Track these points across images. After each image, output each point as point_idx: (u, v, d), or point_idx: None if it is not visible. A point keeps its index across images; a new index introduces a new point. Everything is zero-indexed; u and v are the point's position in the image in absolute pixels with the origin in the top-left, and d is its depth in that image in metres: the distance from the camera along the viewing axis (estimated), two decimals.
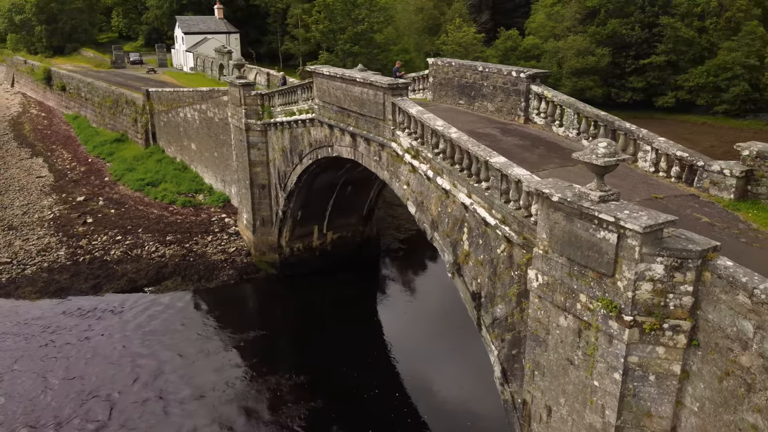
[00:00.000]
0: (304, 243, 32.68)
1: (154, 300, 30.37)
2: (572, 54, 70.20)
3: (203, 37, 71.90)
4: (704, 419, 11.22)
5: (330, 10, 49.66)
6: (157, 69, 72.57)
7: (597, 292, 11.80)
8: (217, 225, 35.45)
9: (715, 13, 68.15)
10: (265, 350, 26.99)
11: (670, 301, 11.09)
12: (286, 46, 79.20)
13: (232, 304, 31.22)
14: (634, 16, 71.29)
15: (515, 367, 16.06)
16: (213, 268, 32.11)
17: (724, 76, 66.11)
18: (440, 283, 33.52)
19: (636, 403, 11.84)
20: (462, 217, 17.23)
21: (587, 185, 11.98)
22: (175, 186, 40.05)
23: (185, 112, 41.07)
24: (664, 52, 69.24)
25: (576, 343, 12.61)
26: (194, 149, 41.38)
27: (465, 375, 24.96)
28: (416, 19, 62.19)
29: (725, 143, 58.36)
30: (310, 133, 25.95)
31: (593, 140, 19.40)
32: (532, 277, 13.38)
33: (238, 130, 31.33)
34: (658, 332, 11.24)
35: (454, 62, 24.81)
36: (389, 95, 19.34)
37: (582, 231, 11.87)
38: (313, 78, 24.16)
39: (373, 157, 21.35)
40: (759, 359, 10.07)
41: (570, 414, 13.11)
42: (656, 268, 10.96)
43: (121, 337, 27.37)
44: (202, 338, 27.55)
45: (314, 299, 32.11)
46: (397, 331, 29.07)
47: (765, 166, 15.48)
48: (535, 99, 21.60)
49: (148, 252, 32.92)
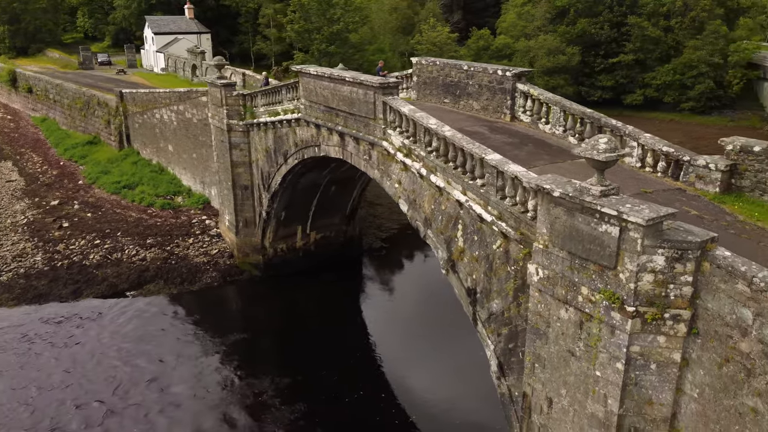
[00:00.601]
0: (288, 243, 32.57)
1: (137, 304, 29.89)
2: (543, 53, 71.16)
3: (174, 37, 70.90)
4: (704, 405, 11.60)
5: (305, 10, 49.48)
6: (127, 70, 71.26)
7: (599, 285, 12.10)
8: (198, 227, 35.07)
9: (680, 13, 69.85)
10: (250, 353, 26.72)
11: (671, 292, 11.44)
12: (259, 46, 78.63)
13: (216, 306, 30.93)
14: (602, 15, 72.67)
15: (512, 361, 16.32)
16: (196, 271, 31.77)
17: (690, 74, 67.84)
18: (423, 281, 33.80)
19: (638, 391, 12.18)
20: (456, 214, 17.43)
21: (588, 180, 12.28)
22: (153, 188, 39.47)
23: (161, 114, 40.50)
24: (632, 50, 70.76)
25: (577, 335, 12.90)
26: (171, 151, 40.84)
27: (451, 372, 25.09)
28: (391, 18, 62.39)
29: (692, 139, 59.98)
30: (295, 132, 25.89)
31: (579, 137, 19.95)
32: (532, 271, 13.64)
33: (220, 130, 31.06)
34: (660, 322, 11.59)
35: (439, 61, 25.04)
36: (380, 94, 19.45)
37: (583, 225, 12.16)
38: (298, 78, 24.11)
39: (363, 156, 21.43)
40: (758, 345, 10.47)
41: (571, 404, 13.40)
42: (657, 259, 11.31)
43: (103, 344, 26.85)
44: (185, 342, 27.22)
45: (298, 300, 32.01)
46: (382, 330, 29.14)
47: (748, 161, 16.04)
48: (521, 97, 21.96)
49: (128, 256, 32.40)
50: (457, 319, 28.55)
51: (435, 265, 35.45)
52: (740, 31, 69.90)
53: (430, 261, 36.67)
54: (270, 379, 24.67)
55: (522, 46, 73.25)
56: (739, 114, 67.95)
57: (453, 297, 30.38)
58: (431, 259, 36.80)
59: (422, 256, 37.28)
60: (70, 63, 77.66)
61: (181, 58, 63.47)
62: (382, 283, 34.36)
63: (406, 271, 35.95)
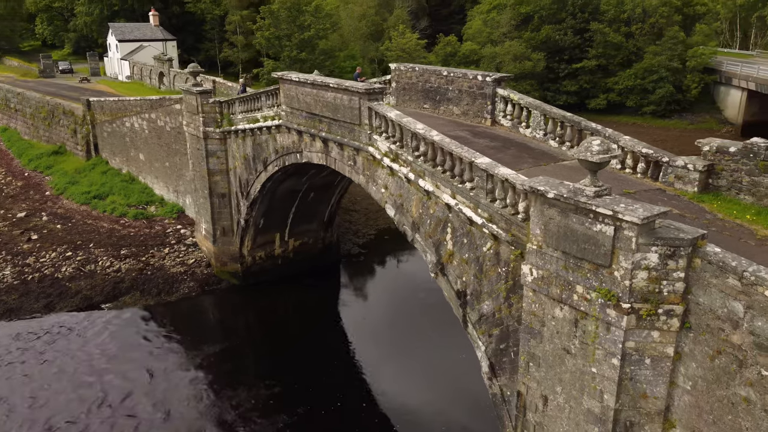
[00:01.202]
0: (266, 251, 32.36)
1: (113, 317, 29.29)
2: (509, 59, 72.34)
3: (139, 44, 69.82)
4: (697, 396, 12.00)
5: (275, 17, 49.28)
6: (91, 78, 69.89)
7: (594, 283, 12.42)
8: (174, 236, 34.55)
9: (640, 19, 71.94)
10: (229, 364, 26.34)
11: (664, 288, 11.82)
12: (226, 54, 77.98)
13: (194, 317, 30.52)
14: (566, 22, 74.31)
15: (504, 361, 16.58)
16: (173, 281, 31.29)
17: (651, 79, 69.88)
18: (401, 286, 33.95)
19: (633, 386, 12.52)
20: (445, 217, 17.64)
21: (581, 181, 12.60)
22: (124, 198, 38.74)
23: (132, 122, 39.82)
24: (594, 56, 72.52)
25: (572, 333, 13.20)
26: (143, 160, 40.15)
27: (434, 377, 25.16)
28: (360, 25, 62.67)
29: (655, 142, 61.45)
30: (276, 139, 25.80)
31: (560, 140, 20.42)
32: (526, 271, 13.90)
33: (195, 138, 30.72)
34: (654, 317, 11.95)
35: (418, 67, 25.31)
36: (365, 100, 19.57)
37: (578, 225, 12.47)
38: (279, 84, 24.06)
39: (348, 161, 21.50)
40: (749, 336, 10.91)
41: (567, 401, 13.69)
42: (651, 257, 11.67)
43: (78, 359, 26.18)
44: (163, 355, 26.72)
45: (277, 308, 31.85)
46: (362, 337, 29.07)
47: (724, 161, 16.66)
48: (501, 102, 22.35)
49: (102, 267, 31.71)
50: (438, 323, 28.88)
51: (413, 270, 35.84)
52: (697, 37, 72.38)
53: (407, 266, 36.90)
54: (249, 391, 24.30)
55: (488, 52, 74.35)
56: (698, 117, 70.25)
57: (432, 301, 31.00)
58: (409, 265, 37.06)
59: (400, 261, 37.50)
60: (30, 71, 75.74)
61: (148, 65, 62.55)
62: (361, 289, 34.42)
63: (384, 276, 36.07)
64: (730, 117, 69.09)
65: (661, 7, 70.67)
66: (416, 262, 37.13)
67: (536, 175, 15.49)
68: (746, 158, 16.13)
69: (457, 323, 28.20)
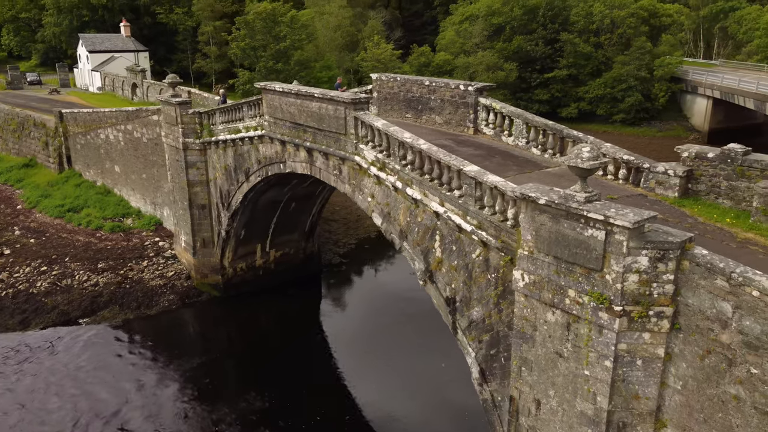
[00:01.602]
0: (247, 262, 32.12)
1: (91, 332, 28.70)
2: (482, 69, 73.27)
3: (110, 55, 68.94)
4: (687, 396, 12.30)
5: (250, 28, 49.19)
6: (60, 89, 68.69)
7: (586, 287, 12.67)
8: (152, 249, 34.07)
9: (609, 30, 73.59)
10: (210, 378, 25.91)
11: (654, 290, 12.12)
12: (199, 64, 77.47)
13: (175, 330, 30.11)
14: (537, 32, 75.63)
15: (494, 367, 16.74)
16: (152, 294, 30.83)
17: (620, 88, 71.47)
18: (383, 295, 33.86)
19: (625, 387, 12.78)
20: (433, 225, 17.79)
21: (571, 188, 12.87)
22: (100, 211, 38.09)
23: (107, 133, 39.25)
24: (565, 66, 73.91)
25: (565, 337, 13.42)
26: (118, 172, 39.57)
27: (419, 386, 25.10)
28: (335, 36, 62.93)
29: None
30: (258, 150, 25.72)
31: (542, 148, 20.79)
32: (517, 277, 14.10)
33: (174, 149, 30.43)
34: (645, 319, 12.24)
35: (399, 77, 25.54)
36: (351, 110, 19.68)
37: (569, 230, 12.73)
38: (262, 94, 24.03)
39: (333, 171, 21.54)
40: (738, 335, 11.25)
41: (560, 404, 13.88)
42: (641, 260, 11.97)
43: (56, 376, 25.56)
44: (143, 370, 26.24)
45: (259, 320, 31.58)
46: (345, 347, 28.83)
47: (703, 166, 17.15)
48: (484, 111, 22.68)
49: (79, 281, 31.09)
50: (420, 332, 28.94)
51: (393, 279, 35.90)
52: (663, 47, 74.33)
53: (388, 275, 36.95)
54: (230, 406, 23.92)
55: (461, 62, 75.22)
56: (666, 125, 72.01)
57: (413, 310, 31.12)
58: (389, 274, 37.12)
59: (381, 271, 37.55)
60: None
61: (120, 76, 61.78)
62: (343, 300, 34.33)
63: (365, 286, 36.02)
64: (696, 124, 70.98)
65: (628, 18, 72.44)
66: (397, 271, 37.24)
67: (522, 183, 15.78)
68: (724, 163, 16.63)
69: (439, 331, 28.43)
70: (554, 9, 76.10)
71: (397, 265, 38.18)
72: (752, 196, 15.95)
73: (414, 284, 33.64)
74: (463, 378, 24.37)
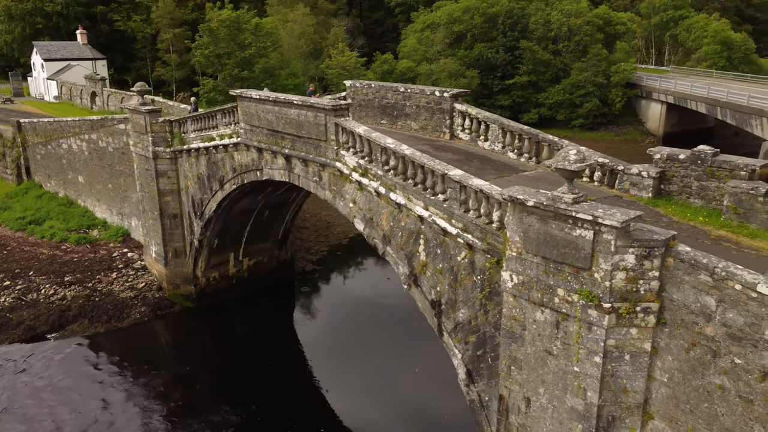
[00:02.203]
0: (221, 271, 31.75)
1: (60, 347, 27.90)
2: (445, 76, 74.18)
3: (66, 63, 67.24)
4: (673, 387, 12.77)
5: (214, 35, 48.75)
6: (14, 99, 66.56)
7: (575, 285, 13.04)
8: (121, 260, 33.32)
9: (566, 38, 75.54)
10: (185, 391, 25.49)
11: (641, 287, 12.56)
12: (159, 72, 76.22)
13: (147, 343, 29.50)
14: (497, 40, 77.08)
15: (481, 367, 17.01)
16: (123, 307, 30.14)
17: (578, 94, 73.38)
18: (357, 302, 33.74)
19: (614, 381, 13.18)
20: (417, 229, 18.00)
21: (558, 189, 13.26)
22: (64, 223, 37.06)
23: (70, 143, 38.27)
24: (525, 72, 75.49)
25: (554, 335, 13.77)
26: (82, 182, 38.59)
27: (396, 390, 25.07)
28: (300, 43, 62.88)
29: None
30: (233, 157, 25.52)
31: (518, 152, 21.26)
32: (506, 278, 14.40)
33: (144, 158, 29.91)
34: (632, 315, 12.67)
35: (374, 84, 25.79)
36: (332, 116, 19.76)
37: (557, 231, 13.09)
38: (237, 102, 23.89)
39: (313, 178, 21.56)
40: (722, 328, 11.77)
41: (550, 401, 14.21)
42: (628, 258, 12.40)
43: (23, 394, 24.73)
44: (115, 385, 25.56)
45: (234, 330, 31.22)
46: (321, 355, 28.61)
47: (674, 168, 17.86)
48: (459, 116, 23.06)
49: (45, 295, 30.16)
50: (395, 337, 29.06)
51: (367, 285, 35.98)
52: (618, 54, 76.74)
53: (361, 282, 37.01)
54: (205, 420, 23.44)
55: (424, 69, 76.02)
56: (623, 129, 74.22)
57: (385, 316, 31.18)
58: (363, 280, 37.19)
59: (354, 277, 37.60)
60: None
61: (78, 85, 60.30)
62: (317, 307, 34.17)
63: (339, 293, 35.95)
64: (651, 129, 73.36)
65: (584, 26, 74.52)
66: (369, 277, 37.37)
67: (502, 186, 16.17)
68: (694, 164, 17.36)
69: (412, 336, 28.69)
70: (513, 17, 77.72)
71: (369, 271, 38.31)
72: (722, 196, 16.69)
73: (386, 290, 34.10)
74: (439, 382, 24.75)
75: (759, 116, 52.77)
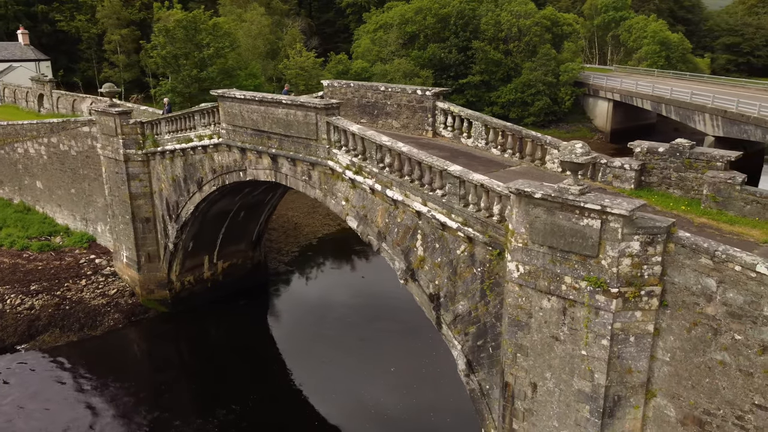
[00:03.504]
0: (195, 275, 31.26)
1: (31, 358, 26.92)
2: (400, 76, 74.81)
3: (8, 65, 64.40)
4: (675, 366, 13.58)
5: (171, 36, 47.71)
6: None
7: (582, 273, 13.68)
8: (89, 267, 32.29)
9: (516, 38, 77.50)
10: (163, 398, 25.05)
11: (645, 271, 13.31)
12: (106, 74, 73.91)
13: (124, 350, 28.84)
14: (449, 40, 78.31)
15: (481, 357, 17.53)
16: (95, 314, 29.27)
17: (529, 92, 75.43)
18: (332, 300, 33.75)
19: (620, 363, 13.89)
20: (414, 224, 18.36)
21: (564, 181, 13.87)
22: (22, 230, 35.59)
23: (26, 147, 36.78)
24: (478, 72, 76.99)
25: (561, 321, 14.39)
26: (41, 188, 37.16)
27: (376, 389, 25.22)
28: (258, 43, 62.20)
29: None
30: (213, 158, 25.23)
31: (502, 148, 21.91)
32: (512, 268, 14.93)
33: (113, 162, 29.14)
34: (637, 299, 13.41)
35: (353, 84, 26.00)
36: (323, 115, 19.88)
37: (564, 221, 13.70)
38: (218, 102, 23.64)
39: (302, 177, 21.60)
40: (723, 307, 12.62)
41: (557, 385, 14.83)
42: (634, 245, 13.13)
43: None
44: (91, 394, 24.90)
45: (211, 334, 30.82)
46: (299, 357, 28.35)
47: (654, 160, 18.85)
48: (441, 114, 23.58)
49: (11, 306, 28.95)
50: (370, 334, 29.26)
51: (341, 283, 36.06)
52: (565, 54, 79.33)
53: (335, 281, 37.03)
54: (186, 426, 23.10)
55: (379, 69, 76.46)
56: (572, 126, 76.75)
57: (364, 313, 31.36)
58: (337, 279, 37.25)
59: (327, 277, 37.62)
60: None
61: (23, 87, 57.85)
62: (292, 307, 34.01)
63: (312, 293, 35.80)
64: (599, 126, 76.19)
65: (533, 27, 76.65)
66: (342, 277, 37.50)
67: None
68: (673, 157, 18.37)
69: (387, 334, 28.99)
70: (464, 18, 79.08)
71: (341, 271, 38.46)
72: (700, 186, 17.75)
73: (358, 290, 34.28)
74: (416, 377, 25.12)
75: (701, 112, 55.64)
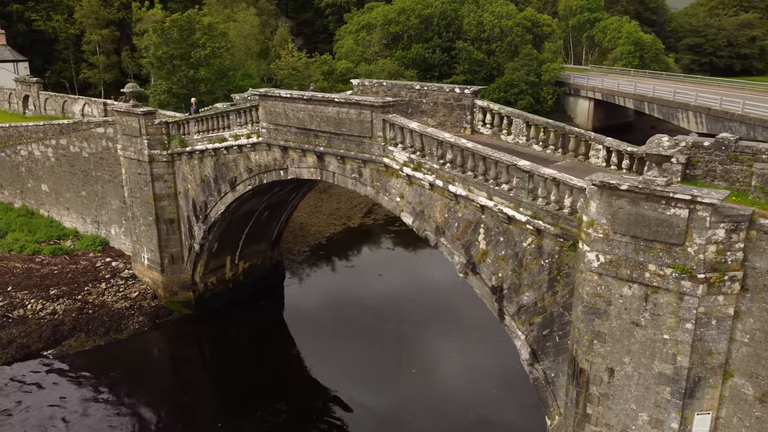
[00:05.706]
0: (218, 276, 31.08)
1: (58, 364, 26.38)
2: (384, 76, 75.14)
3: None
4: (754, 346, 14.34)
5: (165, 37, 47.08)
6: None
7: (667, 260, 14.32)
8: (106, 270, 31.73)
9: (498, 38, 78.83)
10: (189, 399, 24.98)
11: (728, 257, 14.02)
12: (86, 75, 72.31)
13: (149, 353, 28.57)
14: (433, 41, 79.19)
15: (547, 346, 18.08)
16: (120, 318, 28.83)
17: (512, 92, 76.78)
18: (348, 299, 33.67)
19: (702, 345, 14.59)
20: (477, 219, 18.79)
21: (648, 173, 14.48)
22: (30, 235, 34.69)
23: (30, 150, 35.87)
24: (462, 72, 78.02)
25: (642, 307, 15.00)
26: (46, 191, 36.27)
27: (402, 390, 25.29)
28: (250, 43, 61.75)
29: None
30: (249, 158, 25.17)
31: (544, 144, 22.53)
32: (591, 258, 15.48)
33: (136, 163, 28.75)
34: (721, 284, 14.11)
35: (386, 83, 26.32)
36: (379, 113, 20.14)
37: (650, 211, 14.32)
38: (259, 101, 23.63)
39: (351, 175, 21.80)
40: None
41: (636, 369, 15.45)
42: (719, 232, 13.83)
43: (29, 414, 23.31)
44: (121, 398, 24.62)
45: (234, 336, 30.61)
46: (321, 355, 28.32)
47: (699, 154, 19.66)
48: (480, 112, 24.06)
49: (33, 311, 28.27)
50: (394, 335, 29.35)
51: (355, 283, 36.12)
52: (546, 54, 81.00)
53: (348, 279, 37.13)
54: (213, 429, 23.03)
55: (363, 69, 76.68)
56: None
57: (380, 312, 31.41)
58: (349, 278, 37.33)
59: (340, 276, 37.69)
60: None
61: (6, 88, 56.18)
62: (312, 306, 33.90)
63: (328, 292, 35.74)
64: (580, 124, 77.82)
65: (515, 28, 78.06)
66: (356, 275, 37.64)
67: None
68: (718, 150, 19.19)
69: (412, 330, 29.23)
70: (447, 18, 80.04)
71: (355, 269, 38.60)
72: (746, 177, 18.59)
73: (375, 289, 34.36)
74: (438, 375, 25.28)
75: (684, 109, 57.64)
